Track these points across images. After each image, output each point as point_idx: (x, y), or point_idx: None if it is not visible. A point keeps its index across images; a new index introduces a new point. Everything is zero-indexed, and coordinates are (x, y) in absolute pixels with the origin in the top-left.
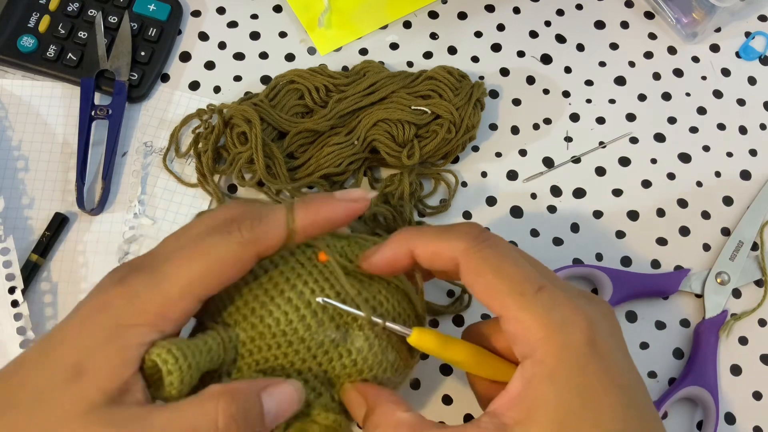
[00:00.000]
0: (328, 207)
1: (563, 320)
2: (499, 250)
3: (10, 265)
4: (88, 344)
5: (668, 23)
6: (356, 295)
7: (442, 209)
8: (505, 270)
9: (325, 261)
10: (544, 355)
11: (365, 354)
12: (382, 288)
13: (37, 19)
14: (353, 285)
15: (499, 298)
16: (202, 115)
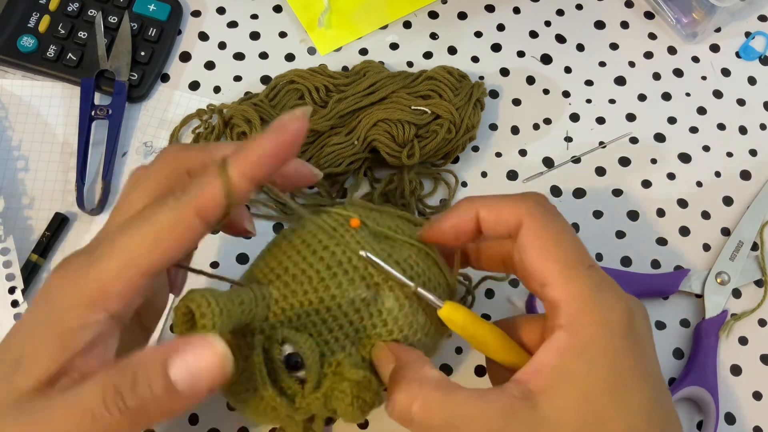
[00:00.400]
0: (264, 144)
1: (606, 300)
2: (559, 222)
3: (10, 265)
4: (28, 335)
5: (668, 23)
6: (387, 257)
7: (442, 210)
8: (563, 241)
9: (357, 226)
10: (582, 328)
11: (396, 314)
12: (413, 253)
13: (37, 19)
14: (384, 249)
15: (551, 264)
16: (202, 115)
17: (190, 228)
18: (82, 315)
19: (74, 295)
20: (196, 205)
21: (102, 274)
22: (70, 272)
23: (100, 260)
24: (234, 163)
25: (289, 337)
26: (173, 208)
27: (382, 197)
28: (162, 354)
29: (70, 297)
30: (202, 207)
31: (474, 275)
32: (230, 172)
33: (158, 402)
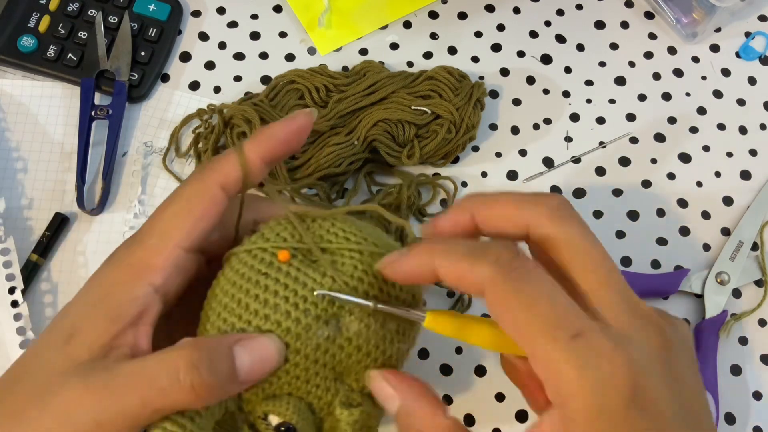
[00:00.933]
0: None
1: (599, 377)
2: (533, 283)
3: (10, 266)
4: (81, 310)
5: (668, 23)
6: (332, 283)
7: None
8: (538, 307)
9: (286, 260)
10: (575, 414)
11: (366, 335)
12: (357, 262)
13: (37, 19)
14: (324, 273)
15: (528, 338)
16: (203, 115)
17: (214, 198)
18: (129, 289)
19: (121, 272)
20: (217, 178)
21: (143, 250)
22: (117, 254)
23: (142, 239)
24: (249, 144)
25: (269, 409)
26: (198, 180)
27: None
28: (230, 341)
29: (117, 274)
30: (223, 179)
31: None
32: (246, 151)
33: (222, 383)
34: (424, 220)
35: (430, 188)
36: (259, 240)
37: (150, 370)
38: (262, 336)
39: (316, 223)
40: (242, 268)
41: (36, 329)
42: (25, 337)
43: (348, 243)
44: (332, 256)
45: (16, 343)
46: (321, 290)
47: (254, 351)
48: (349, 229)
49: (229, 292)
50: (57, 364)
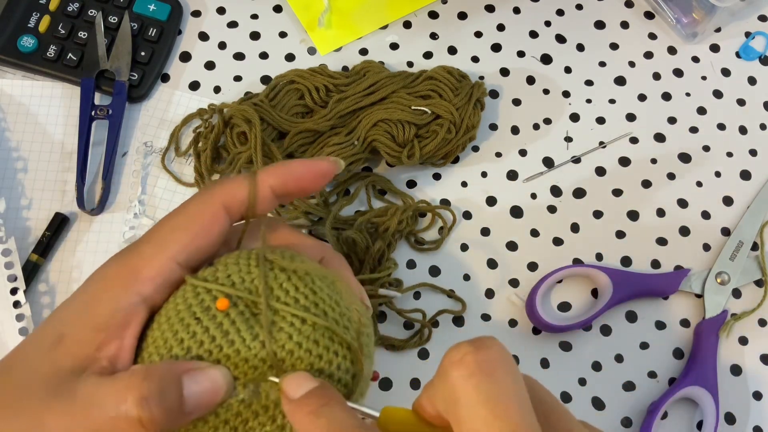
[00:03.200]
0: (292, 166)
1: None
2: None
3: (12, 266)
4: (70, 315)
5: (668, 23)
6: (259, 350)
7: (434, 247)
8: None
9: (225, 308)
10: None
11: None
12: (294, 332)
13: (37, 19)
14: (256, 336)
15: None
16: (203, 114)
17: (215, 216)
18: (116, 298)
19: (111, 279)
20: (223, 198)
21: (137, 258)
22: (112, 260)
23: (138, 247)
24: (263, 173)
25: None
26: (203, 197)
27: (369, 226)
28: (179, 370)
29: (107, 281)
30: (228, 200)
31: (428, 309)
32: (258, 179)
33: (170, 416)
34: (417, 245)
35: (429, 217)
36: (209, 276)
37: (101, 397)
38: (211, 367)
39: (273, 272)
40: (181, 305)
41: None
42: None
43: (295, 306)
44: (274, 315)
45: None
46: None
47: (203, 382)
48: (303, 289)
49: (167, 322)
50: (40, 369)
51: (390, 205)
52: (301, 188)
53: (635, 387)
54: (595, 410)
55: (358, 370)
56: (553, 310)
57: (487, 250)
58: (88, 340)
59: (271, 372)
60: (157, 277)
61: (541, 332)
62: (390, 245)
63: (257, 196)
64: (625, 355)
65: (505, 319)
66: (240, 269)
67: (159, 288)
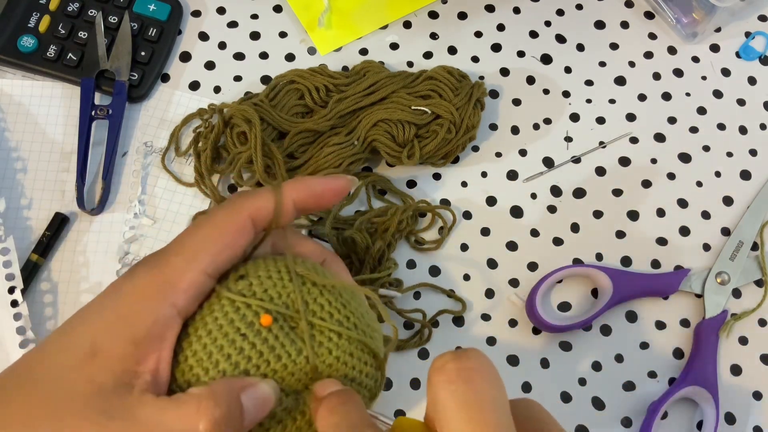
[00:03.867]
0: (314, 182)
1: None
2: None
3: (10, 265)
4: (102, 325)
5: (668, 23)
6: (304, 365)
7: (434, 247)
8: None
9: (268, 324)
10: None
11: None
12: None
13: (37, 19)
14: (301, 351)
15: None
16: (203, 114)
17: (243, 228)
18: (152, 309)
19: (144, 289)
20: (250, 210)
21: (169, 269)
22: (140, 268)
23: (168, 257)
24: (286, 187)
25: None
26: (231, 208)
27: (368, 226)
28: (237, 388)
29: (140, 291)
30: (254, 212)
31: (428, 309)
32: (286, 194)
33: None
34: (417, 246)
35: (429, 216)
36: (245, 290)
37: (169, 423)
38: (262, 382)
39: (306, 287)
40: (221, 319)
41: (36, 329)
42: (25, 337)
43: (330, 321)
44: (312, 329)
45: (15, 342)
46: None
47: (257, 396)
48: (335, 303)
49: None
50: (78, 385)
51: (390, 205)
52: (319, 204)
53: (635, 387)
54: (595, 410)
55: (381, 376)
56: (553, 310)
57: (487, 250)
58: (127, 355)
59: (312, 383)
60: (191, 289)
61: (541, 332)
62: (390, 245)
63: (281, 207)
64: (625, 355)
65: (505, 319)
66: (275, 284)
67: (191, 299)
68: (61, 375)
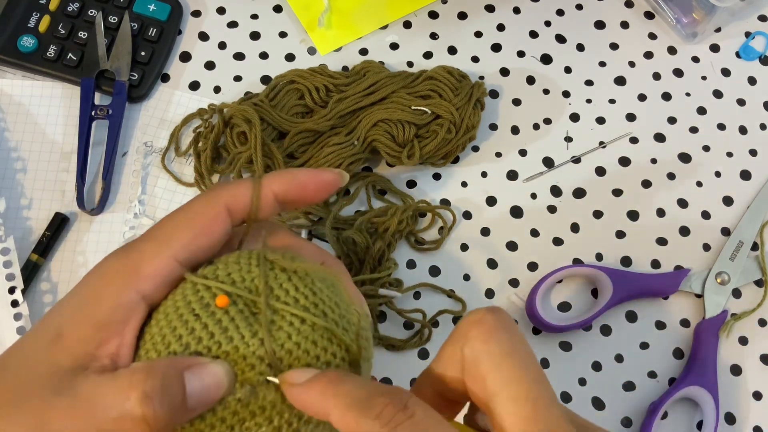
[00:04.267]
0: (297, 173)
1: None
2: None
3: (10, 265)
4: (69, 312)
5: (668, 23)
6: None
7: (434, 247)
8: None
9: (224, 305)
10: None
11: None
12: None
13: (37, 19)
14: (255, 333)
15: None
16: (203, 114)
17: (217, 216)
18: (116, 295)
19: (110, 275)
20: (226, 199)
21: (137, 255)
22: (111, 256)
23: (138, 244)
24: (268, 178)
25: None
26: (206, 197)
27: (367, 226)
28: (180, 366)
29: (107, 277)
30: (231, 201)
31: (428, 309)
32: (263, 183)
33: (173, 413)
34: (418, 245)
35: (429, 216)
36: (209, 273)
37: (103, 396)
38: (212, 362)
39: (273, 272)
40: (180, 302)
41: None
42: None
43: (294, 305)
44: (274, 315)
45: None
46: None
47: (205, 378)
48: (303, 289)
49: (165, 319)
50: (39, 367)
51: (390, 205)
52: (304, 197)
53: (635, 387)
54: (595, 410)
55: (355, 373)
56: (553, 310)
57: (487, 250)
58: (87, 338)
59: (269, 371)
60: (158, 275)
61: (541, 332)
62: (390, 245)
63: (260, 200)
64: (625, 355)
65: None
66: (240, 268)
67: (159, 286)
68: (28, 360)
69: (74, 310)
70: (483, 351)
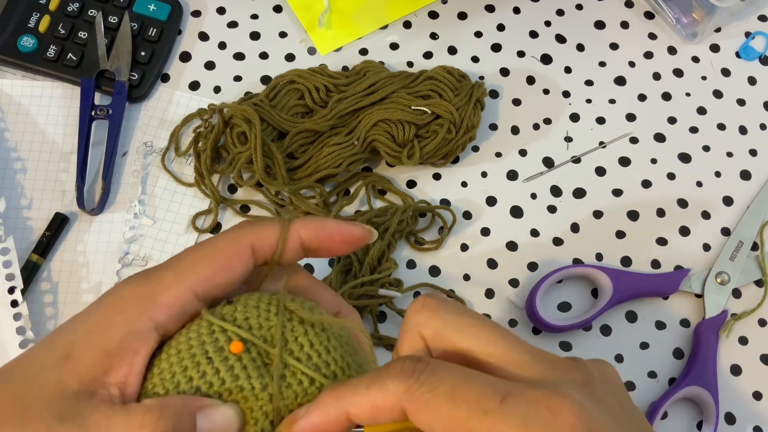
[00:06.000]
0: (327, 223)
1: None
2: (445, 375)
3: (9, 265)
4: (80, 332)
5: (668, 23)
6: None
7: (434, 247)
8: (460, 392)
9: (238, 352)
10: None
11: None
12: (300, 392)
13: (37, 19)
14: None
15: (462, 425)
16: (203, 114)
17: (241, 255)
18: (130, 322)
19: (126, 301)
20: (252, 237)
21: (155, 282)
22: (132, 279)
23: (158, 271)
24: (297, 223)
25: None
26: (232, 233)
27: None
28: (193, 406)
29: (122, 302)
30: (257, 241)
31: None
32: (291, 227)
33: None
34: (417, 245)
35: (429, 217)
36: (227, 315)
37: (114, 430)
38: (224, 405)
39: (291, 323)
40: (193, 340)
41: (35, 329)
42: (25, 337)
43: (307, 363)
44: (285, 369)
45: (15, 342)
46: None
47: (216, 420)
48: (318, 346)
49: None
50: (45, 387)
51: (390, 205)
52: (329, 247)
53: (635, 387)
54: None
55: None
56: (553, 310)
57: (487, 250)
58: (97, 363)
59: (271, 429)
60: (174, 306)
61: (541, 332)
62: (390, 245)
63: (286, 241)
64: (625, 355)
65: (505, 319)
66: (259, 314)
67: (173, 317)
68: (35, 375)
69: (86, 333)
70: (440, 324)
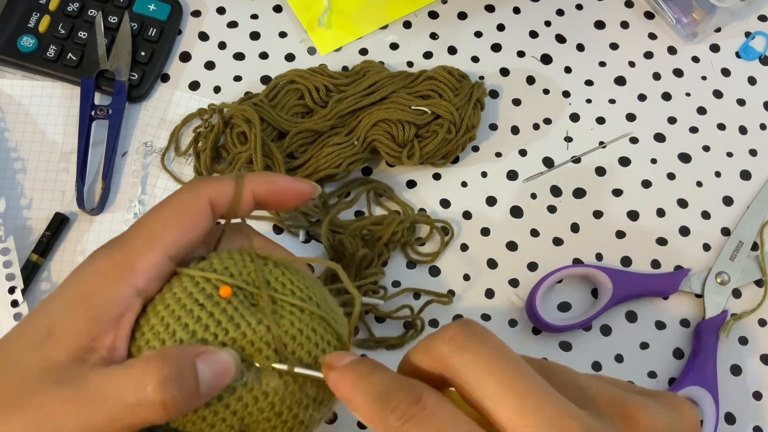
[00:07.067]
0: (278, 178)
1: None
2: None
3: (10, 265)
4: (60, 308)
5: (668, 23)
6: (264, 333)
7: (429, 260)
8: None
9: (228, 296)
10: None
11: (283, 394)
12: (295, 320)
13: (37, 19)
14: (260, 320)
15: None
16: (203, 114)
17: (202, 211)
18: (111, 290)
19: (103, 271)
20: (210, 194)
21: (129, 250)
22: (101, 252)
23: (128, 239)
24: (249, 177)
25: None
26: (190, 191)
27: (359, 234)
28: (192, 353)
29: (99, 273)
30: (214, 196)
31: (416, 304)
32: (244, 181)
33: (188, 398)
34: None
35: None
36: (206, 267)
37: (118, 385)
38: (221, 350)
39: (268, 267)
40: (180, 293)
41: None
42: None
43: (292, 297)
44: (273, 305)
45: None
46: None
47: (215, 365)
48: (297, 283)
49: (166, 310)
50: (34, 365)
51: (388, 214)
52: (279, 202)
53: None
54: None
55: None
56: (553, 310)
57: (487, 250)
58: (82, 333)
59: (275, 357)
60: (151, 270)
61: (541, 332)
62: (381, 254)
63: (240, 195)
64: (625, 355)
65: (505, 319)
66: (236, 263)
67: (152, 280)
68: (20, 358)
69: (67, 307)
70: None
